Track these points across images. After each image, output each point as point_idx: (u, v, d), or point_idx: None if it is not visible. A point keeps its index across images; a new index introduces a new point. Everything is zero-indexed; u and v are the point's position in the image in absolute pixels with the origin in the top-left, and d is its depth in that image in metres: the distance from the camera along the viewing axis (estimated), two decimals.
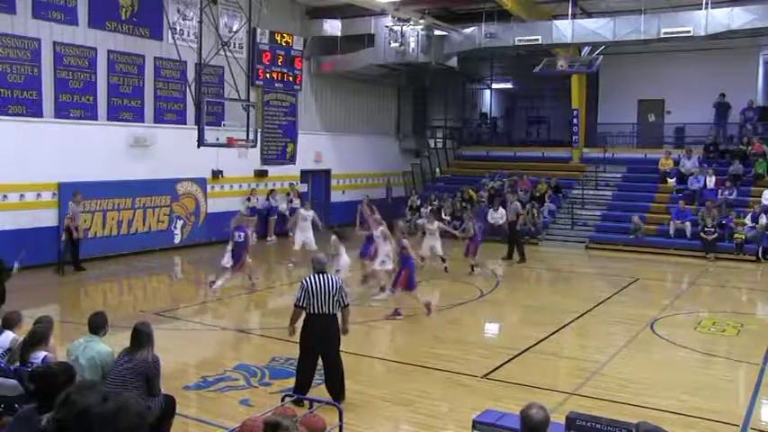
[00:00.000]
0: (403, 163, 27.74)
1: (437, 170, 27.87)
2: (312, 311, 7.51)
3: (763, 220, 19.04)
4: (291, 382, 7.78)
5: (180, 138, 17.92)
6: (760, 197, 20.04)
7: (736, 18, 17.81)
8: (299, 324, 7.71)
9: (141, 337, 6.01)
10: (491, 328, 12.38)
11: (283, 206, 21.39)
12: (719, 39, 19.02)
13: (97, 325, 6.39)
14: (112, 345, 6.62)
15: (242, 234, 13.57)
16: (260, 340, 10.68)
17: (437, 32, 21.50)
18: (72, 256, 15.41)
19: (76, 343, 6.32)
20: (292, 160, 22.61)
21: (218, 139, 16.62)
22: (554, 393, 8.06)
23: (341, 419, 5.96)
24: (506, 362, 9.37)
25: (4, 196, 14.99)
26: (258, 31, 20.37)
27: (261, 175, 21.41)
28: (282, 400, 6.55)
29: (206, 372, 8.69)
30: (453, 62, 23.42)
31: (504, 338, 11.47)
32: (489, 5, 20.44)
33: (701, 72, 23.79)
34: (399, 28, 20.69)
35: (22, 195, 15.31)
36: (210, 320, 12.12)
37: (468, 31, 21.37)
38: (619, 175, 23.92)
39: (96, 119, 16.76)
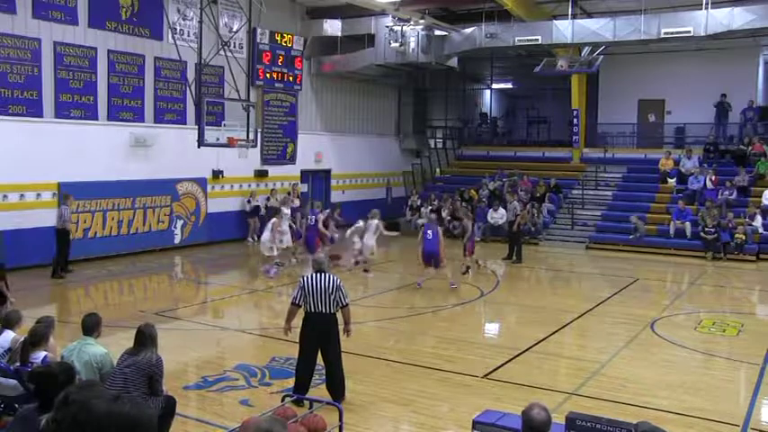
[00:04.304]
0: (403, 163, 27.75)
1: (437, 170, 27.88)
2: (310, 310, 7.51)
3: (758, 220, 19.05)
4: (291, 383, 7.78)
5: (180, 138, 17.95)
6: (760, 197, 20.05)
7: (737, 18, 17.81)
8: (298, 324, 7.71)
9: (145, 338, 6.02)
10: (491, 328, 12.38)
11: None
12: (720, 39, 19.02)
13: (90, 326, 6.35)
14: (112, 345, 6.63)
15: (313, 217, 15.84)
16: (260, 340, 10.68)
17: (437, 32, 21.51)
18: (63, 258, 14.85)
19: (70, 347, 6.28)
20: (292, 160, 22.60)
21: (218, 139, 16.63)
22: (554, 393, 8.06)
23: (341, 419, 5.96)
24: (507, 362, 9.37)
25: (4, 196, 14.99)
26: (258, 31, 20.36)
27: (261, 175, 21.40)
28: (282, 400, 6.55)
29: (206, 372, 8.69)
30: (453, 62, 23.44)
31: (504, 338, 11.47)
32: (489, 5, 20.44)
33: (701, 72, 23.79)
34: (399, 28, 20.69)
35: (22, 195, 15.30)
36: (210, 320, 12.12)
37: (468, 31, 21.37)
38: (619, 175, 23.93)
39: (96, 119, 16.75)
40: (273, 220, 15.61)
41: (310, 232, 16.12)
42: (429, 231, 14.47)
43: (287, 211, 16.97)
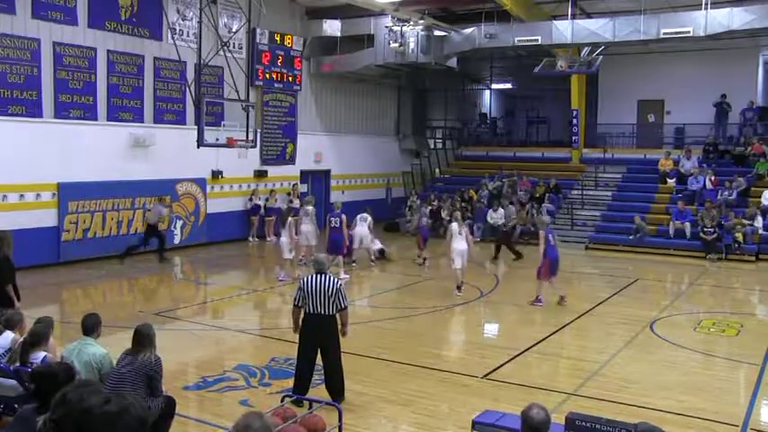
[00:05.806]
0: (403, 163, 27.75)
1: (437, 170, 27.88)
2: (309, 311, 7.53)
3: (758, 220, 19.03)
4: (291, 383, 7.78)
5: (179, 138, 17.94)
6: (760, 197, 20.04)
7: (736, 18, 17.80)
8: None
9: (143, 338, 6.01)
10: (491, 329, 12.37)
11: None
12: (719, 39, 19.02)
13: (90, 326, 6.35)
14: (112, 345, 6.62)
15: (338, 220, 15.35)
16: (260, 340, 10.68)
17: (437, 33, 21.50)
18: (160, 247, 17.04)
19: (70, 347, 6.27)
20: (292, 160, 22.61)
21: (217, 140, 16.63)
22: (554, 394, 8.06)
23: (340, 420, 5.96)
24: (506, 362, 9.37)
25: (4, 196, 14.98)
26: (258, 31, 20.36)
27: (260, 175, 21.40)
28: (282, 400, 6.54)
29: (206, 372, 8.69)
30: (453, 62, 23.43)
31: (503, 338, 11.47)
32: (489, 6, 20.44)
33: (701, 72, 23.80)
34: (399, 28, 20.70)
35: (21, 195, 15.31)
36: (210, 320, 12.12)
37: (467, 31, 21.37)
38: (618, 176, 23.93)
39: (96, 119, 16.75)
40: (289, 219, 14.99)
41: (337, 234, 15.31)
42: (551, 236, 12.99)
43: (311, 207, 16.51)
